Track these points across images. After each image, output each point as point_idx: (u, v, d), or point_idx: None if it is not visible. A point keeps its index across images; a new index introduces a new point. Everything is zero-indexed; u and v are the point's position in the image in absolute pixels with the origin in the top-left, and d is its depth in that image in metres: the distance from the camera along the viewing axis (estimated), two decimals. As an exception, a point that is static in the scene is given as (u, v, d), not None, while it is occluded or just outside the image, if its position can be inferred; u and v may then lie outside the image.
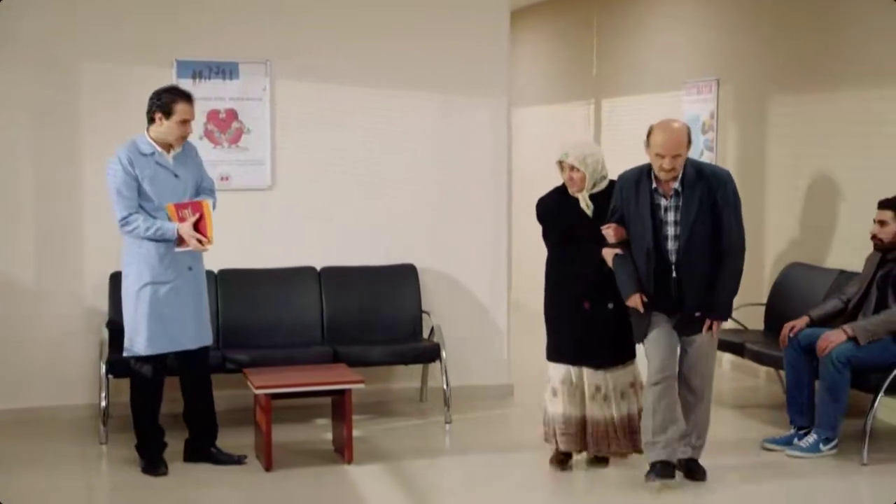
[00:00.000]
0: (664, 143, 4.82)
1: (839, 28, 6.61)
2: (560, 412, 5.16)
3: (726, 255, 4.91)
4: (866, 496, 5.25)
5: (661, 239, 4.89)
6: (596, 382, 5.11)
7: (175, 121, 5.20)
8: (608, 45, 9.58)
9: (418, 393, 6.81)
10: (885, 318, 5.48)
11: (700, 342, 4.98)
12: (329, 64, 6.67)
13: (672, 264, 4.90)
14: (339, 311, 6.54)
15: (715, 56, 7.93)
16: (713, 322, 4.96)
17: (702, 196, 4.86)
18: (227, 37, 6.51)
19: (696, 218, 4.85)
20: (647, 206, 4.89)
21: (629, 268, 4.93)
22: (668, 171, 4.82)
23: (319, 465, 5.49)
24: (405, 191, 6.84)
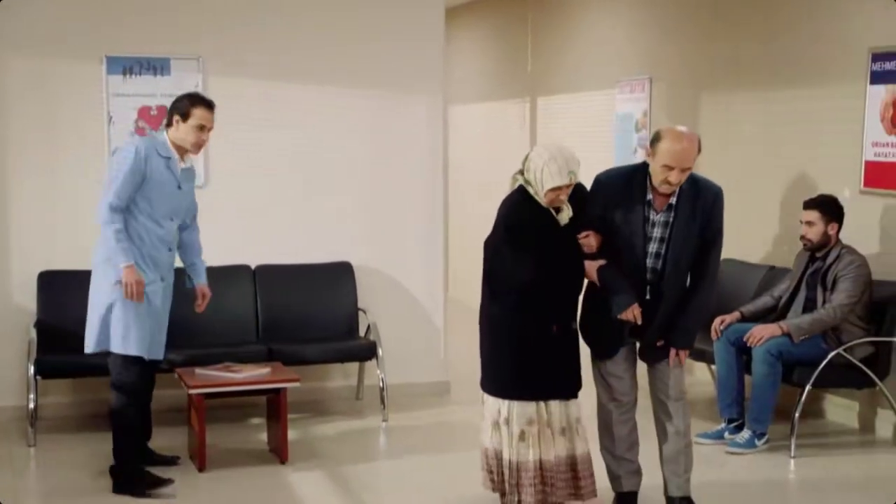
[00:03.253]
0: (676, 153, 4.22)
1: (770, 29, 6.73)
2: (534, 459, 4.37)
3: (702, 280, 4.41)
4: (795, 488, 5.35)
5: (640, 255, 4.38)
6: (561, 416, 4.43)
7: (192, 125, 5.07)
8: (543, 44, 9.63)
9: (355, 391, 6.79)
10: (818, 318, 5.59)
11: (665, 365, 4.50)
12: (263, 60, 6.61)
13: (647, 284, 4.39)
14: (274, 310, 6.49)
15: (648, 55, 8.01)
16: (679, 351, 4.47)
17: (695, 214, 4.34)
18: (159, 32, 6.41)
19: (686, 239, 4.34)
20: (640, 217, 4.33)
21: (621, 277, 4.35)
22: (674, 184, 4.26)
23: (254, 465, 5.44)
24: (341, 188, 6.80)
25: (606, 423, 4.59)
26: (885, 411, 5.86)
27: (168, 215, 5.09)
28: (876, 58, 5.86)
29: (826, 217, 5.74)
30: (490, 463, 4.47)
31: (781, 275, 6.17)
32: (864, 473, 5.37)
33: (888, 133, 5.82)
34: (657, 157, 4.27)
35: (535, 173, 4.30)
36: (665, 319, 4.40)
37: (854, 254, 5.68)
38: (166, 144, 5.09)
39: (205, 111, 5.09)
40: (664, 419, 4.54)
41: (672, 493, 4.57)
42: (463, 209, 10.65)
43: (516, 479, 4.38)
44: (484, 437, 4.50)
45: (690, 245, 4.36)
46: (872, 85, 5.88)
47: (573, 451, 4.43)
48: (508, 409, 4.38)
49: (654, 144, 4.30)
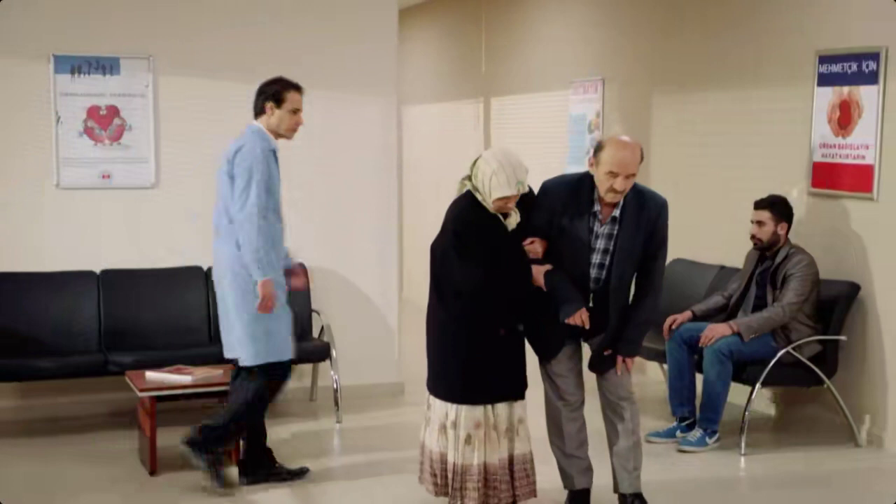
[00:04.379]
0: (619, 161, 4.26)
1: (721, 31, 6.80)
2: (478, 463, 4.38)
3: (647, 291, 4.47)
4: (745, 485, 5.41)
5: None
6: (506, 417, 4.45)
7: (287, 109, 4.99)
8: (497, 44, 9.66)
9: (308, 393, 6.76)
10: (768, 317, 5.65)
11: (613, 371, 4.54)
12: (215, 60, 6.56)
13: (591, 293, 4.44)
14: (226, 312, 6.44)
15: (600, 56, 8.07)
16: (625, 359, 4.51)
17: (641, 226, 4.38)
18: (108, 31, 6.34)
19: (631, 250, 4.38)
20: (585, 228, 4.36)
21: (568, 282, 4.38)
22: (619, 192, 4.30)
23: (206, 467, 5.39)
24: (293, 189, 6.74)
25: (556, 422, 4.62)
26: (833, 408, 5.94)
27: (281, 208, 5.02)
28: (823, 60, 5.95)
29: (776, 217, 5.81)
30: (434, 467, 4.48)
31: (732, 274, 6.24)
32: (812, 470, 5.44)
33: (835, 135, 5.91)
34: (601, 165, 4.31)
35: (482, 181, 4.31)
36: (611, 331, 4.46)
37: (802, 253, 5.76)
38: (269, 135, 5.00)
39: (297, 94, 5.02)
40: (613, 417, 4.58)
41: (623, 490, 4.61)
42: (418, 209, 10.65)
43: (460, 483, 4.39)
44: (429, 440, 4.50)
45: (635, 256, 4.41)
46: (820, 87, 5.97)
47: (512, 452, 4.45)
48: (457, 412, 4.40)
49: (597, 153, 4.35)
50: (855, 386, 5.84)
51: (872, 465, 5.51)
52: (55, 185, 6.33)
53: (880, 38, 5.61)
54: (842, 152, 5.87)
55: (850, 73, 5.78)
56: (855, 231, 5.85)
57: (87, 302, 6.22)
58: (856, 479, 5.32)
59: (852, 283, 5.77)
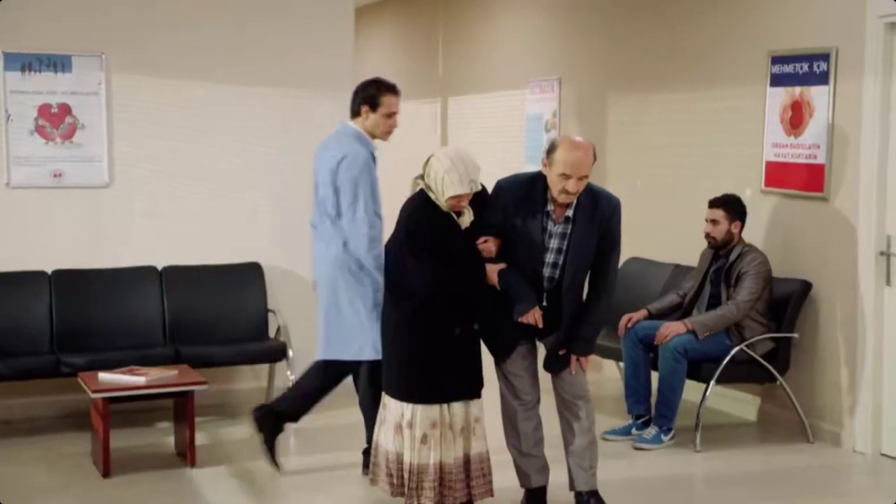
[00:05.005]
0: (572, 162, 4.26)
1: (675, 31, 6.85)
2: (433, 462, 4.35)
3: (601, 290, 4.49)
4: (700, 482, 5.46)
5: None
6: (462, 416, 4.43)
7: (382, 113, 4.97)
8: (454, 44, 9.67)
9: (265, 393, 6.72)
10: (722, 315, 5.70)
11: (568, 370, 4.55)
12: (169, 58, 6.51)
13: (544, 292, 4.44)
14: (181, 312, 6.40)
15: (557, 55, 8.10)
16: (579, 358, 4.51)
17: (594, 226, 4.39)
18: (60, 28, 6.26)
19: (584, 250, 4.39)
20: (538, 227, 4.37)
21: (522, 280, 4.39)
22: (572, 193, 4.30)
23: (160, 469, 5.35)
24: (250, 188, 6.73)
25: (512, 421, 4.63)
26: (786, 405, 6.01)
27: (380, 207, 5.00)
28: (775, 60, 6.02)
29: (730, 216, 5.86)
30: (390, 467, 4.46)
31: (687, 273, 6.29)
32: (765, 466, 5.50)
33: (787, 134, 5.98)
34: (554, 166, 4.31)
35: (435, 180, 4.32)
36: (564, 331, 4.47)
37: (756, 251, 5.82)
38: (367, 138, 4.98)
39: (392, 97, 5.00)
40: (569, 416, 4.59)
41: (580, 488, 4.62)
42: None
43: (416, 483, 4.37)
44: (385, 440, 4.48)
45: (588, 256, 4.43)
46: (772, 87, 6.04)
47: (469, 451, 4.44)
48: (412, 412, 4.38)
49: (549, 154, 4.34)
50: (807, 383, 5.91)
51: (824, 460, 5.58)
52: (6, 184, 6.24)
53: (831, 39, 5.68)
54: (794, 152, 5.94)
55: (801, 74, 5.86)
56: (807, 230, 5.92)
57: (39, 303, 6.15)
58: (808, 475, 5.39)
59: (804, 282, 5.84)
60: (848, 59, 5.58)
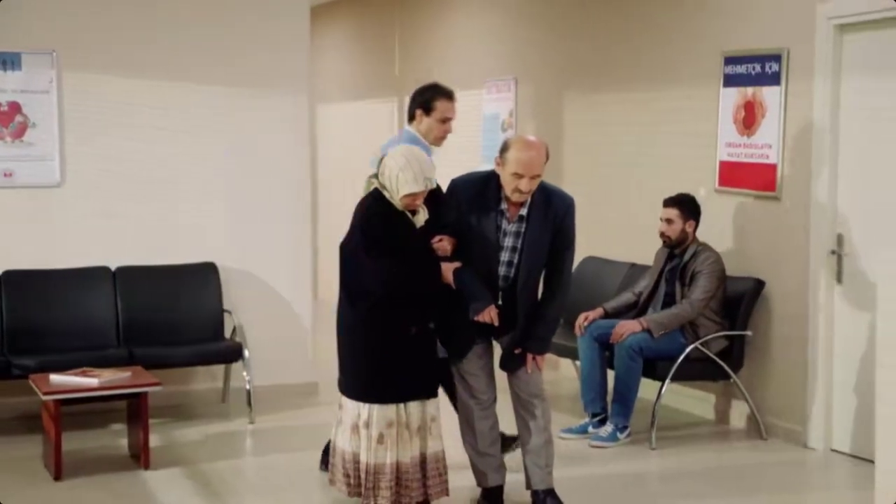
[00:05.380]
0: (525, 161, 4.28)
1: (631, 31, 6.90)
2: (390, 462, 4.35)
3: (556, 289, 4.51)
4: (655, 479, 5.50)
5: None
6: (419, 415, 4.43)
7: (435, 118, 4.94)
8: (411, 43, 9.66)
9: (220, 394, 6.68)
10: (676, 313, 5.75)
11: (524, 369, 4.56)
12: (122, 56, 6.44)
13: (499, 291, 4.45)
14: (135, 312, 6.33)
15: (513, 55, 8.12)
16: (535, 356, 4.52)
17: (547, 224, 4.42)
18: (9, 25, 6.17)
19: (538, 249, 4.41)
20: (493, 226, 4.38)
21: (477, 279, 4.39)
22: (525, 192, 4.32)
23: (113, 472, 5.30)
24: (204, 187, 6.68)
25: (468, 420, 4.63)
26: (739, 402, 6.09)
27: None
28: (728, 61, 6.08)
29: (684, 215, 5.91)
30: (347, 467, 4.44)
31: (642, 272, 6.33)
32: (720, 463, 5.56)
33: (740, 134, 6.04)
34: (506, 166, 4.33)
35: (390, 178, 4.31)
36: (520, 329, 4.47)
37: (709, 250, 5.88)
38: (423, 140, 4.94)
39: (447, 102, 4.97)
40: (525, 415, 4.60)
41: (536, 486, 4.63)
42: (333, 209, 10.59)
43: (373, 483, 4.36)
44: (341, 441, 4.46)
45: (542, 255, 4.45)
46: (725, 87, 6.10)
47: (425, 450, 4.43)
48: (369, 412, 4.37)
49: (502, 154, 4.36)
50: (760, 380, 5.98)
51: (777, 457, 5.64)
52: (-45, 183, 6.16)
53: (782, 40, 5.75)
54: (746, 151, 6.01)
55: (754, 74, 5.92)
56: (760, 228, 5.99)
57: (-10, 304, 6.06)
58: (761, 471, 5.44)
59: (757, 280, 5.91)
60: (799, 60, 5.65)
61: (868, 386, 5.07)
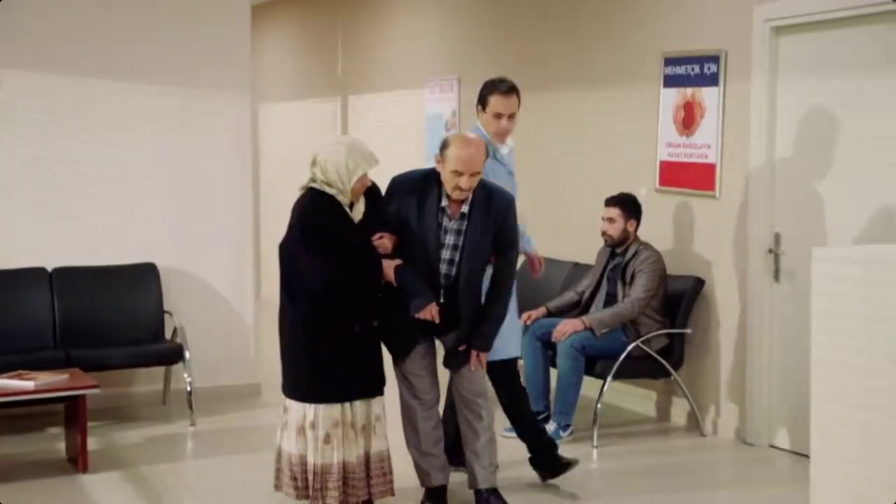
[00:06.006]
0: (464, 159, 4.28)
1: (573, 32, 6.94)
2: (337, 461, 4.33)
3: (500, 286, 4.52)
4: (597, 476, 5.53)
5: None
6: (364, 414, 4.42)
7: (490, 113, 4.83)
8: (353, 43, 9.63)
9: (161, 396, 6.60)
10: (618, 312, 5.79)
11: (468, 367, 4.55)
12: (59, 52, 6.34)
13: (441, 288, 4.44)
14: (73, 314, 6.24)
15: (455, 55, 8.13)
16: (479, 353, 4.52)
17: (489, 222, 4.43)
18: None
19: (480, 246, 4.42)
20: (434, 224, 4.38)
21: (418, 276, 4.37)
22: (465, 190, 4.33)
23: (50, 476, 5.21)
24: (144, 187, 6.60)
25: (411, 421, 4.62)
26: (680, 400, 6.15)
27: None
28: (668, 62, 6.14)
29: (626, 214, 5.96)
30: (294, 470, 4.40)
31: (585, 271, 6.37)
32: (660, 460, 5.61)
33: (680, 134, 6.11)
34: (446, 163, 4.34)
35: (338, 171, 4.27)
36: (464, 326, 4.48)
37: (650, 249, 5.93)
38: (486, 135, 4.84)
39: (499, 98, 4.83)
40: (468, 414, 4.60)
41: (480, 486, 4.64)
42: (277, 208, 10.52)
43: (321, 483, 4.33)
44: (287, 444, 4.42)
45: (484, 253, 4.45)
46: (665, 88, 6.16)
47: (369, 449, 4.43)
48: (315, 412, 4.34)
49: (442, 151, 4.37)
50: (700, 377, 6.05)
51: (717, 453, 5.72)
52: None
53: (720, 42, 5.83)
54: (686, 151, 6.08)
55: (693, 75, 5.99)
56: (699, 228, 6.06)
57: (-78, 306, 5.94)
58: (702, 467, 5.51)
59: (698, 279, 5.98)
60: (736, 61, 5.73)
61: (805, 382, 5.15)
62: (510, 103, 4.87)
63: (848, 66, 5.23)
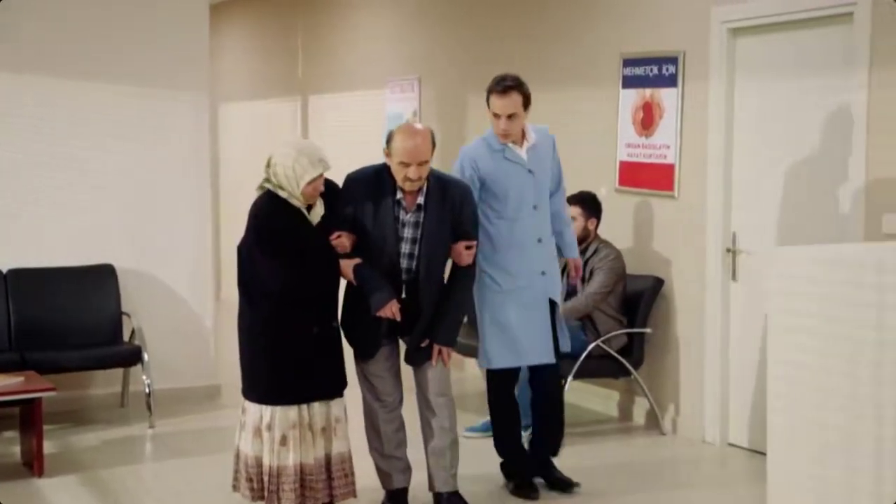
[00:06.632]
0: (410, 149, 4.27)
1: (534, 33, 6.95)
2: (294, 463, 4.31)
3: (461, 276, 4.51)
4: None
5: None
6: (323, 416, 4.39)
7: (491, 113, 4.73)
8: (314, 43, 9.60)
9: (119, 398, 6.54)
10: (572, 307, 5.81)
11: (430, 365, 4.53)
12: (13, 53, 6.27)
13: (402, 284, 4.40)
14: (28, 316, 6.17)
15: (416, 55, 8.13)
16: (441, 349, 4.49)
17: (445, 212, 4.40)
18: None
19: (438, 237, 4.39)
20: (390, 217, 4.34)
21: (378, 275, 4.34)
22: (415, 180, 4.31)
23: (5, 480, 5.15)
24: (102, 187, 6.53)
25: (373, 423, 4.60)
26: (641, 399, 6.19)
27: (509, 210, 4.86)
28: (627, 63, 6.18)
29: (586, 212, 5.99)
30: (250, 472, 4.37)
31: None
32: (620, 459, 5.64)
33: (639, 135, 6.15)
34: (393, 155, 4.32)
35: (286, 175, 4.25)
36: (426, 320, 4.45)
37: (609, 247, 5.96)
38: (495, 136, 4.85)
39: (495, 97, 4.71)
40: (429, 416, 4.58)
41: (439, 489, 4.62)
42: (237, 208, 10.45)
43: (276, 485, 4.31)
44: (244, 445, 4.40)
45: (443, 243, 4.43)
46: (624, 89, 6.20)
47: (330, 451, 4.40)
48: (272, 414, 4.32)
49: (388, 144, 4.35)
50: (660, 376, 6.10)
51: (675, 452, 5.76)
52: None
53: (678, 43, 5.87)
54: (645, 152, 6.11)
55: (651, 76, 6.03)
56: (658, 227, 6.10)
57: None
58: (661, 466, 5.54)
59: (657, 278, 6.02)
60: (694, 63, 5.78)
61: (762, 381, 5.20)
62: (507, 103, 4.73)
63: (803, 67, 5.29)
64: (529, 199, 4.80)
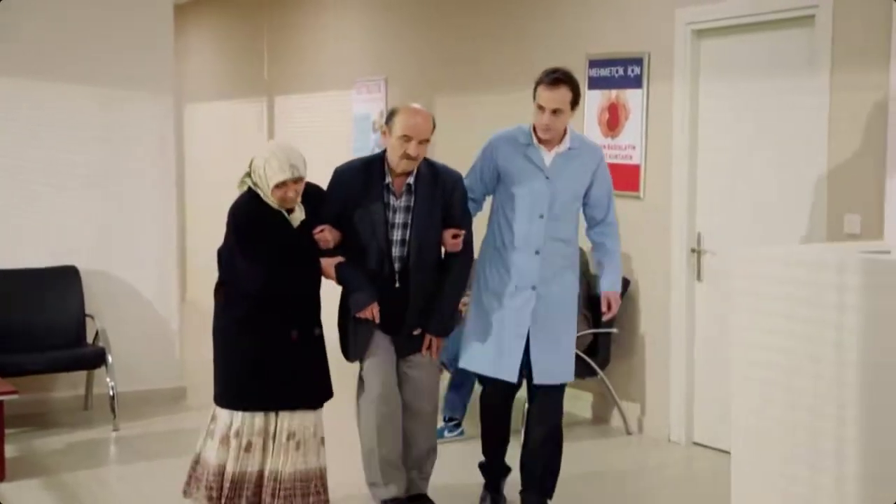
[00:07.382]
0: (413, 125, 4.23)
1: (500, 34, 6.97)
2: (251, 470, 4.25)
3: (453, 264, 4.43)
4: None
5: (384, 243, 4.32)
6: (292, 427, 4.27)
7: (536, 104, 4.38)
8: (280, 43, 9.56)
9: (82, 401, 6.48)
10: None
11: (419, 361, 4.43)
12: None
13: (396, 272, 4.34)
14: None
15: (383, 56, 8.12)
16: (433, 339, 4.42)
17: (436, 197, 4.33)
18: None
19: (429, 222, 4.33)
20: (380, 204, 4.29)
21: (360, 274, 4.28)
22: (413, 158, 4.24)
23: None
24: (65, 188, 6.47)
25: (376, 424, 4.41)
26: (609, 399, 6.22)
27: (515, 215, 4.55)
28: (592, 64, 6.21)
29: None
30: (210, 480, 4.28)
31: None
32: (586, 459, 5.64)
33: (605, 135, 6.18)
34: (394, 130, 4.26)
35: (259, 174, 4.21)
36: (416, 308, 4.36)
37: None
38: (528, 131, 4.51)
39: (543, 88, 4.36)
40: (411, 421, 4.49)
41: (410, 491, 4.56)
42: (203, 209, 10.40)
43: (234, 492, 4.23)
44: (209, 454, 4.32)
45: (434, 227, 4.36)
46: (590, 90, 6.22)
47: (305, 466, 4.29)
48: (241, 420, 4.25)
49: (389, 121, 4.31)
50: (625, 376, 6.13)
51: (641, 451, 5.79)
52: None
53: (644, 45, 5.90)
54: (611, 153, 6.13)
55: (617, 77, 6.06)
56: (624, 228, 6.04)
57: None
58: (627, 466, 5.57)
59: (623, 278, 6.02)
60: (659, 64, 5.82)
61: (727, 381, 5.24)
62: (554, 96, 4.33)
63: (767, 69, 5.34)
64: (539, 206, 4.42)
